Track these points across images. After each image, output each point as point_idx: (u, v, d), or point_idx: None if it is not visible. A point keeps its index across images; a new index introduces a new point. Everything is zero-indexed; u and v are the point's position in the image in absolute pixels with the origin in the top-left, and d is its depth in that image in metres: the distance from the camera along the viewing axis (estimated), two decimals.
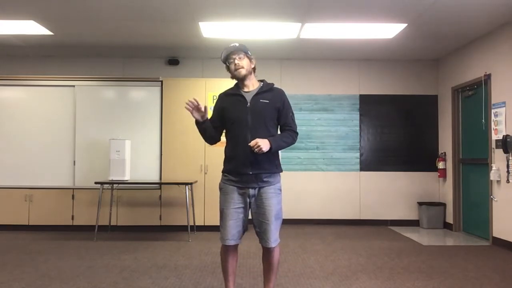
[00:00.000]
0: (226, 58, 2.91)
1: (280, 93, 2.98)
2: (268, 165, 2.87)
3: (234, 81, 3.07)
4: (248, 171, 2.82)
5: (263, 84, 2.97)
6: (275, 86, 3.01)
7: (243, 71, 2.88)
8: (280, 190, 2.95)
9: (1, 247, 5.20)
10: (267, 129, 2.87)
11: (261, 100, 2.88)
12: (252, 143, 2.73)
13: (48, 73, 6.88)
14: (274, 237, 2.85)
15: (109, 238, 5.77)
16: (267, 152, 2.80)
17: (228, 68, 2.95)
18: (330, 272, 4.11)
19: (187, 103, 2.84)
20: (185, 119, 6.35)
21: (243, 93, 2.92)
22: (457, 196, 6.51)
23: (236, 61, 2.87)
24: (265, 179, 2.86)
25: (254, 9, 4.85)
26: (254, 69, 2.97)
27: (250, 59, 2.93)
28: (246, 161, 2.82)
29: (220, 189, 2.95)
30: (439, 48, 6.46)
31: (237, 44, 2.91)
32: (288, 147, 2.98)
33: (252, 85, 2.95)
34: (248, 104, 2.87)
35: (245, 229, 2.92)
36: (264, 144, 2.74)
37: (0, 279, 3.83)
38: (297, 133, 2.99)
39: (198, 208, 6.27)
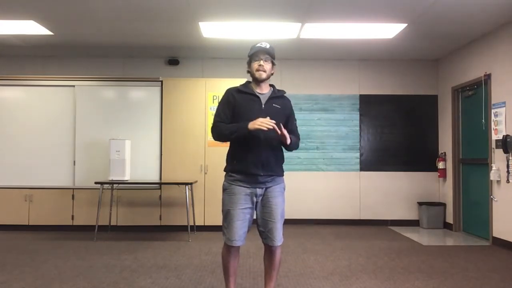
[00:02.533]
0: (253, 54, 2.89)
1: (289, 102, 3.04)
2: (277, 167, 2.92)
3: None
4: (259, 172, 2.83)
5: (274, 89, 3.00)
6: (285, 94, 3.05)
7: (264, 75, 2.88)
8: (284, 189, 3.00)
9: (1, 247, 5.20)
10: (276, 133, 2.88)
11: (274, 105, 2.91)
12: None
13: (48, 73, 6.89)
14: (280, 236, 2.87)
15: (109, 238, 5.77)
16: (276, 153, 2.88)
17: (249, 63, 2.92)
18: (330, 272, 4.11)
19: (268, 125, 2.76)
20: (185, 119, 6.36)
21: (258, 94, 2.92)
22: (457, 196, 6.51)
23: (262, 63, 2.86)
24: (272, 179, 2.90)
25: (254, 9, 4.85)
26: (271, 74, 2.97)
27: (273, 65, 2.94)
28: (258, 163, 2.83)
29: (225, 189, 2.92)
30: (439, 48, 6.46)
31: (268, 46, 2.89)
32: (291, 151, 3.04)
33: (265, 88, 2.96)
34: (263, 106, 2.88)
35: (248, 229, 2.92)
36: (288, 136, 2.82)
37: (0, 279, 3.83)
38: (299, 140, 3.09)
39: (198, 208, 6.27)
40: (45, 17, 5.15)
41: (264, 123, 2.71)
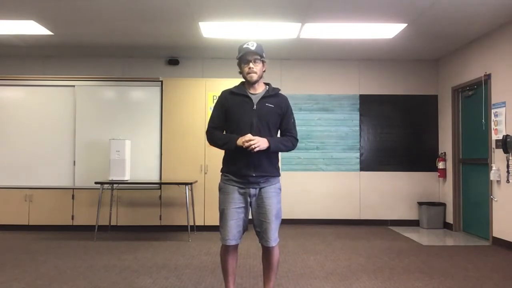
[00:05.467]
0: (242, 57, 2.89)
1: (285, 99, 3.00)
2: (270, 168, 2.91)
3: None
4: (251, 173, 2.84)
5: (269, 88, 2.98)
6: (280, 92, 3.01)
7: (255, 76, 2.88)
8: (280, 189, 2.98)
9: (1, 247, 5.20)
10: (270, 133, 2.89)
11: (266, 104, 2.90)
12: (246, 137, 2.73)
13: (48, 73, 6.89)
14: (274, 236, 2.86)
15: (109, 238, 5.77)
16: (269, 154, 2.86)
17: (239, 65, 2.93)
18: (330, 272, 4.11)
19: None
20: (185, 119, 6.36)
21: (250, 95, 2.91)
22: (457, 196, 6.51)
23: (251, 65, 2.86)
24: (265, 180, 2.89)
25: (254, 9, 4.85)
26: (264, 71, 2.96)
27: (263, 63, 2.93)
28: (249, 163, 2.83)
29: (220, 189, 2.96)
30: (439, 48, 6.46)
31: (255, 45, 2.87)
32: (287, 151, 3.00)
33: (259, 88, 2.95)
34: (254, 106, 2.88)
35: (245, 229, 2.93)
36: (262, 143, 2.76)
37: (0, 279, 3.83)
38: (297, 140, 3.02)
39: (198, 208, 6.27)
40: (45, 17, 5.15)
41: (247, 142, 2.72)
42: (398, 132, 7.12)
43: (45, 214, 6.33)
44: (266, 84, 3.01)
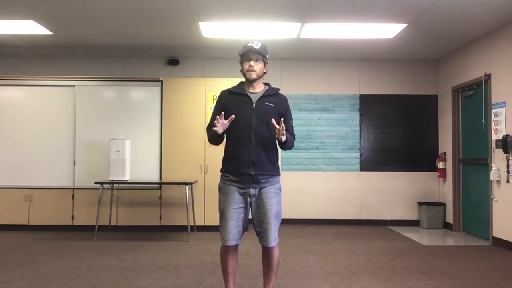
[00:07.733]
0: (244, 54, 2.90)
1: (284, 99, 3.01)
2: (270, 166, 2.90)
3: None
4: (250, 171, 2.84)
5: (268, 88, 2.99)
6: (279, 91, 3.02)
7: (253, 75, 2.88)
8: (280, 189, 2.97)
9: (1, 247, 5.20)
10: (269, 131, 2.89)
11: (266, 103, 2.90)
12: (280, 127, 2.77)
13: (48, 73, 6.90)
14: (274, 237, 2.86)
15: (109, 238, 5.77)
16: (268, 152, 2.87)
17: (241, 63, 2.94)
18: (330, 272, 4.12)
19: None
20: (185, 119, 6.36)
21: (249, 94, 2.92)
22: (457, 196, 6.51)
23: (252, 63, 2.86)
24: (266, 179, 2.88)
25: (254, 9, 4.85)
26: (265, 73, 2.97)
27: (265, 64, 2.94)
28: (249, 162, 2.83)
29: (220, 189, 2.96)
30: (439, 48, 6.46)
31: (259, 45, 2.88)
32: (286, 150, 3.02)
33: (258, 87, 2.96)
34: (254, 105, 2.88)
35: (245, 229, 2.93)
36: (283, 132, 2.80)
37: (0, 279, 3.83)
38: (295, 139, 3.07)
39: (198, 208, 6.27)
40: (45, 17, 5.15)
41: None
42: (398, 132, 7.12)
43: (45, 214, 6.33)
44: (266, 84, 3.02)
